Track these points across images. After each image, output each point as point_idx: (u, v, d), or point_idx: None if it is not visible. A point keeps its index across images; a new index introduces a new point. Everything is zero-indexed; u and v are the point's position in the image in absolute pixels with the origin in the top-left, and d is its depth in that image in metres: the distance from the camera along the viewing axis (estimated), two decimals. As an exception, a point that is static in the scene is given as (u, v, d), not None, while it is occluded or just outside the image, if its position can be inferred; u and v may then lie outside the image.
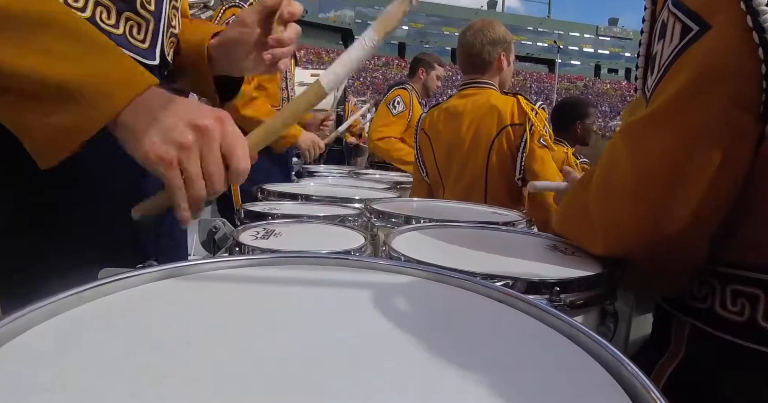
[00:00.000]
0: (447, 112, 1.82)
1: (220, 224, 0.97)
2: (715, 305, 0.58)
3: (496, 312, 0.46)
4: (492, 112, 1.69)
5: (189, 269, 0.51)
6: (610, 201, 0.61)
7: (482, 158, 1.70)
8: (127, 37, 0.70)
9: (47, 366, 0.31)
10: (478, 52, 1.73)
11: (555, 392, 0.32)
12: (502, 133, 1.65)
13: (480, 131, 1.70)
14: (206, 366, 0.32)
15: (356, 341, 0.38)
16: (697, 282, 0.60)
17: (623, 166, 0.58)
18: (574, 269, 0.66)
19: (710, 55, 0.53)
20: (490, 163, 1.69)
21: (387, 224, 0.97)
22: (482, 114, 1.71)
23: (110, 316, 0.40)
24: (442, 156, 1.83)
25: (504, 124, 1.66)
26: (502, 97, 1.73)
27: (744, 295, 0.55)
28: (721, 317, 0.57)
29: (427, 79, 3.01)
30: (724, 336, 0.56)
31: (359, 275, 0.55)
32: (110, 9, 0.67)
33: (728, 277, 0.57)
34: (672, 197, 0.55)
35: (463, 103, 1.78)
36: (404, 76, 3.36)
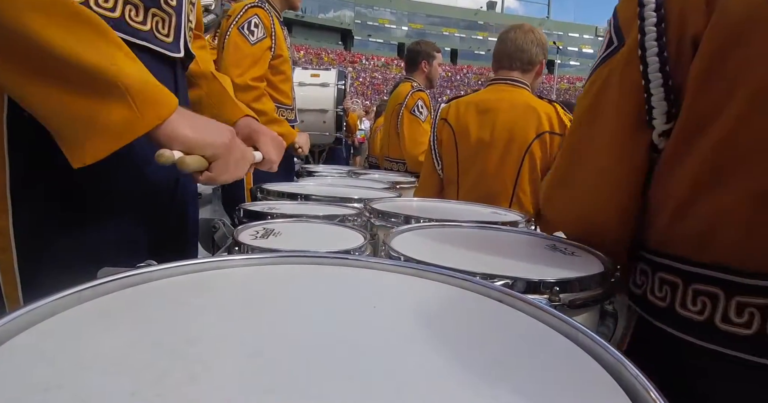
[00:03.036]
0: (477, 107, 1.70)
1: (219, 223, 0.97)
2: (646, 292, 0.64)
3: (496, 312, 0.46)
4: (530, 114, 1.60)
5: (188, 269, 0.51)
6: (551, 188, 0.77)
7: (515, 163, 1.60)
8: (154, 32, 0.73)
9: (47, 366, 0.31)
10: (526, 48, 1.69)
11: (555, 392, 0.32)
12: (540, 138, 1.58)
13: (515, 133, 1.61)
14: (206, 366, 0.32)
15: (356, 340, 0.38)
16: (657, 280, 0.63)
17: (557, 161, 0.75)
18: (574, 269, 0.66)
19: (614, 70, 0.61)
20: (523, 169, 1.60)
21: (386, 223, 0.97)
22: (519, 114, 1.61)
23: (110, 315, 0.40)
24: (467, 154, 1.70)
25: (543, 129, 1.58)
26: (539, 100, 1.65)
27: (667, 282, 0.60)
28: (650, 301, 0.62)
29: (430, 70, 2.91)
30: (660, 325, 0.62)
31: (359, 274, 0.55)
32: (138, 6, 0.70)
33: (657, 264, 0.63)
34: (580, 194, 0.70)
35: (495, 99, 1.68)
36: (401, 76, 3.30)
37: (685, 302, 0.57)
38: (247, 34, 1.91)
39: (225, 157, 0.66)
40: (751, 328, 0.52)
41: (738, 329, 0.52)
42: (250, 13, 1.93)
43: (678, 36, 0.55)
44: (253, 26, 1.92)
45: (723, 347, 0.53)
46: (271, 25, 1.98)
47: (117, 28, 0.66)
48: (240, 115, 0.95)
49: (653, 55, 0.56)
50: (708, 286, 0.55)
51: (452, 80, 35.93)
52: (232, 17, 1.94)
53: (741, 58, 0.51)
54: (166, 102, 0.59)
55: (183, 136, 0.60)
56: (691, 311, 0.56)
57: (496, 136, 1.63)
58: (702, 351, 0.55)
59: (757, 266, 0.51)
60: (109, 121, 0.54)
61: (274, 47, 2.00)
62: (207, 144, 0.63)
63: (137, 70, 0.57)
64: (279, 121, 2.06)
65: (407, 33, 53.67)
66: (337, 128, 3.45)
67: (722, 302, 0.53)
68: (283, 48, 2.06)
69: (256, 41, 1.92)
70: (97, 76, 0.53)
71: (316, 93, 3.25)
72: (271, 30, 1.98)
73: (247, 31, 1.91)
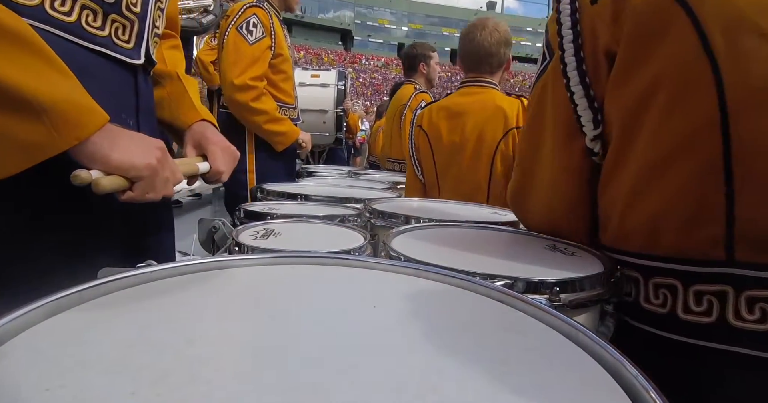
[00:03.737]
0: (448, 111, 1.77)
1: (219, 223, 0.97)
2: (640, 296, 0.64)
3: (496, 312, 0.46)
4: (497, 114, 1.66)
5: (188, 269, 0.51)
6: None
7: (486, 163, 1.67)
8: (113, 38, 0.72)
9: (47, 366, 0.31)
10: (494, 52, 1.72)
11: (554, 392, 0.32)
12: (508, 136, 1.63)
13: (484, 134, 1.67)
14: (206, 366, 0.32)
15: (356, 340, 0.38)
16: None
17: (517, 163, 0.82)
18: (574, 269, 0.66)
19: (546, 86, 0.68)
20: (494, 167, 1.66)
21: (387, 223, 0.97)
22: (487, 116, 1.67)
23: (110, 315, 0.40)
24: (443, 159, 1.77)
25: (509, 126, 1.63)
26: (506, 98, 1.70)
27: (630, 279, 0.64)
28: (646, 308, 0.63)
29: (429, 71, 2.96)
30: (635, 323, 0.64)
31: (359, 274, 0.55)
32: (96, 12, 0.68)
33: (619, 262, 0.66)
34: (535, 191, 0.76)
35: (467, 102, 1.74)
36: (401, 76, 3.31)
37: (648, 296, 0.60)
38: (245, 34, 1.91)
39: (149, 178, 0.63)
40: (711, 316, 0.54)
41: (698, 318, 0.55)
42: (248, 13, 1.93)
43: (592, 49, 0.61)
44: (252, 26, 1.92)
45: (688, 338, 0.56)
46: (270, 24, 1.98)
47: (72, 33, 0.66)
48: (195, 119, 0.92)
49: (573, 70, 0.62)
50: (666, 278, 0.57)
51: (452, 80, 35.94)
52: (231, 17, 1.94)
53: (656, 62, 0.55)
54: (86, 122, 0.57)
55: (103, 157, 0.58)
56: (654, 304, 0.59)
57: (467, 138, 1.69)
58: (668, 342, 0.58)
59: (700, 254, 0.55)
60: (25, 138, 0.53)
61: (273, 46, 2.00)
62: (129, 166, 0.61)
63: (63, 87, 0.56)
64: (281, 120, 2.06)
65: (407, 33, 53.68)
66: (337, 129, 3.45)
67: (681, 293, 0.56)
68: (284, 47, 2.06)
69: (255, 41, 1.92)
70: (13, 94, 0.52)
71: (316, 93, 3.25)
72: (270, 29, 1.98)
73: (246, 31, 1.91)
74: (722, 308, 0.53)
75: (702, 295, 0.55)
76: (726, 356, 0.53)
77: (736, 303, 0.52)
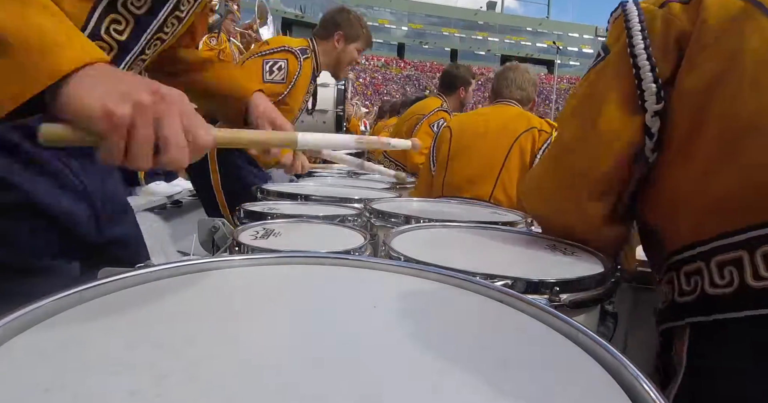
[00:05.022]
0: (477, 114, 2.05)
1: (219, 223, 0.97)
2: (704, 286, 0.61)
3: (496, 312, 0.46)
4: (521, 117, 1.84)
5: (188, 269, 0.51)
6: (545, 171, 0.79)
7: (504, 148, 1.79)
8: None
9: (47, 366, 0.31)
10: (525, 88, 1.98)
11: (554, 392, 0.32)
12: (529, 132, 1.77)
13: (507, 126, 1.82)
14: (206, 366, 0.32)
15: (356, 340, 0.38)
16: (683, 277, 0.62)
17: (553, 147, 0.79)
18: (574, 269, 0.66)
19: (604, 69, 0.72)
20: (511, 154, 1.78)
21: (386, 223, 0.97)
22: (512, 115, 1.86)
23: (110, 315, 0.39)
24: (460, 142, 1.89)
25: (532, 125, 1.78)
26: (530, 113, 1.92)
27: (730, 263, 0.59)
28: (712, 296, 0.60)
29: (465, 96, 2.97)
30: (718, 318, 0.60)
31: (359, 274, 0.55)
32: None
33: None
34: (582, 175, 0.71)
35: (493, 110, 1.98)
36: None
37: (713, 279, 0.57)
38: (265, 71, 1.87)
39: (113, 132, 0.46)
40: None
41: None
42: (281, 55, 1.89)
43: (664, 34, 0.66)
44: (276, 68, 1.88)
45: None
46: (295, 75, 1.91)
47: None
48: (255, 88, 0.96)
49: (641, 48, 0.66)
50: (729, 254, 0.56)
51: (452, 80, 35.96)
52: (266, 47, 1.91)
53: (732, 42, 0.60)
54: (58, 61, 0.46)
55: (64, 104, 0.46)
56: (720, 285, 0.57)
57: (490, 128, 1.85)
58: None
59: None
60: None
61: (284, 96, 1.93)
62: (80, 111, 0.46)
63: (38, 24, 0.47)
64: None
65: (407, 33, 53.66)
66: (337, 129, 3.44)
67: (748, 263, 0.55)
68: (295, 100, 1.99)
69: (269, 81, 1.88)
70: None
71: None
72: (292, 80, 1.91)
73: (268, 69, 1.87)
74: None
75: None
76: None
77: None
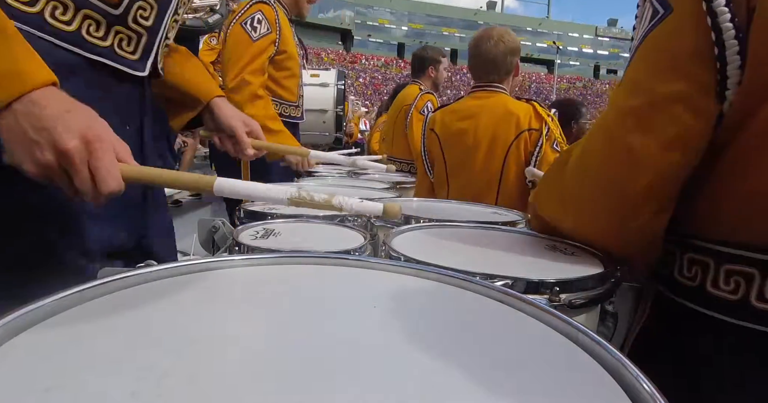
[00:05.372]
0: (459, 114, 1.83)
1: (219, 223, 0.97)
2: (674, 272, 0.61)
3: (496, 312, 0.46)
4: (509, 117, 1.72)
5: (188, 269, 0.51)
6: (583, 179, 0.65)
7: (498, 162, 1.73)
8: (115, 49, 0.70)
9: (47, 366, 0.31)
10: (501, 61, 1.78)
11: (554, 392, 0.32)
12: (520, 137, 1.70)
13: (497, 135, 1.73)
14: (206, 366, 0.32)
15: (356, 340, 0.38)
16: (686, 262, 0.62)
17: (596, 146, 0.64)
18: (574, 269, 0.66)
19: (668, 37, 0.56)
20: (506, 166, 1.73)
21: (387, 223, 0.97)
22: (498, 118, 1.73)
23: (110, 315, 0.40)
24: (455, 158, 1.83)
25: (521, 129, 1.70)
26: (517, 102, 1.76)
27: (698, 263, 0.59)
28: (678, 282, 0.60)
29: (437, 75, 2.99)
30: (678, 299, 0.60)
31: (359, 274, 0.55)
32: (100, 22, 0.67)
33: (686, 245, 0.60)
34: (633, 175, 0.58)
35: (477, 105, 1.80)
36: (407, 76, 3.35)
37: (717, 282, 0.56)
38: (249, 30, 1.88)
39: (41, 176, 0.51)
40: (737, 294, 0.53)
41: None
42: (253, 9, 1.91)
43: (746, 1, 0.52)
44: (256, 22, 1.89)
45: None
46: (275, 20, 1.95)
47: (71, 42, 0.64)
48: (218, 92, 0.97)
49: (727, 22, 0.51)
50: (742, 266, 0.54)
51: (452, 80, 35.93)
52: (236, 12, 1.92)
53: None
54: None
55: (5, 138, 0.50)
56: (724, 290, 0.55)
57: (480, 140, 1.75)
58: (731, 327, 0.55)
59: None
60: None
61: (278, 42, 1.96)
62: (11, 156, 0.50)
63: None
64: (272, 131, 1.93)
65: (407, 33, 53.70)
66: (337, 128, 3.45)
67: (757, 281, 0.53)
68: (289, 44, 2.03)
69: (259, 37, 1.89)
70: None
71: (316, 93, 3.26)
72: (276, 25, 1.94)
73: (250, 28, 1.89)
74: None
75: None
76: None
77: None
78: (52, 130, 0.50)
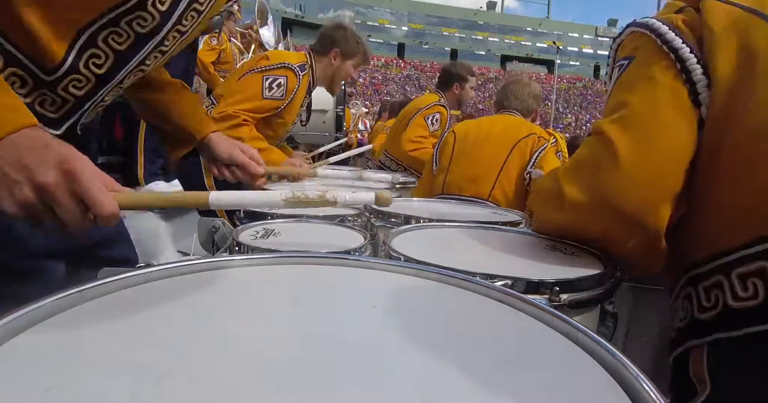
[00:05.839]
0: (481, 120, 2.17)
1: (219, 223, 0.97)
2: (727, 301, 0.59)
3: (496, 312, 0.46)
4: (523, 125, 1.98)
5: (188, 269, 0.51)
6: (576, 181, 0.68)
7: (504, 151, 1.89)
8: (35, 106, 0.66)
9: (47, 366, 0.31)
10: (525, 99, 2.11)
11: (554, 392, 0.32)
12: (528, 138, 1.88)
13: (508, 133, 1.93)
14: (206, 366, 0.32)
15: (356, 340, 0.38)
16: (702, 293, 0.62)
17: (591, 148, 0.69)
18: (574, 269, 0.66)
19: (635, 69, 0.69)
20: (510, 157, 1.88)
21: (387, 223, 0.97)
22: (512, 124, 2.00)
23: (110, 316, 0.40)
24: (462, 146, 1.98)
25: (532, 132, 1.90)
26: (530, 123, 2.06)
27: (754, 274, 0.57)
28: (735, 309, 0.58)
29: (461, 93, 2.96)
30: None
31: (359, 274, 0.55)
32: (26, 81, 0.63)
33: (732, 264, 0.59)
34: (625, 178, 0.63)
35: (498, 118, 2.11)
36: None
37: (736, 292, 0.56)
38: (265, 87, 1.89)
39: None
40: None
41: None
42: (281, 72, 1.91)
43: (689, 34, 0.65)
44: (276, 85, 1.91)
45: None
46: (294, 91, 1.94)
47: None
48: (213, 128, 0.97)
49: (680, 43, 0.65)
50: (753, 263, 0.55)
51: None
52: (266, 62, 1.92)
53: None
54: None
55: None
56: (743, 298, 0.56)
57: (492, 133, 1.95)
58: None
59: None
60: None
61: (281, 110, 1.97)
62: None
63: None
64: (261, 150, 1.94)
65: (407, 33, 53.67)
66: (337, 128, 3.44)
67: None
68: (291, 114, 2.03)
69: (269, 97, 1.91)
70: None
71: (316, 93, 3.25)
72: (291, 96, 1.94)
73: (267, 85, 1.90)
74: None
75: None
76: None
77: None
78: (29, 168, 0.49)
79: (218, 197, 0.57)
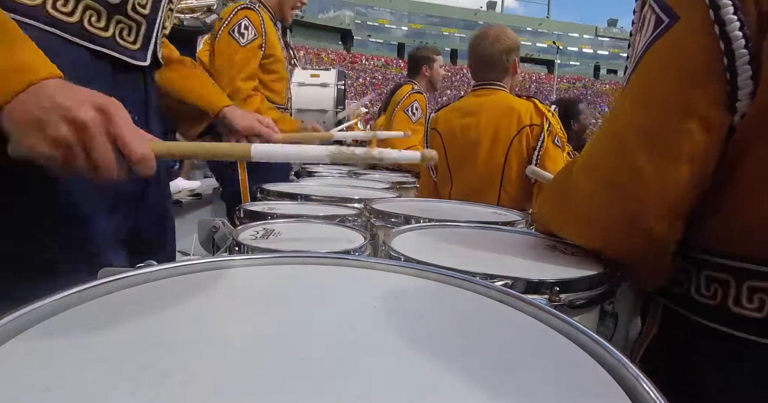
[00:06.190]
0: (462, 112, 1.87)
1: (219, 223, 0.97)
2: (690, 290, 0.60)
3: (496, 312, 0.46)
4: (510, 113, 1.76)
5: (188, 269, 0.51)
6: (590, 189, 0.63)
7: (500, 157, 1.78)
8: (116, 39, 0.71)
9: (47, 366, 0.31)
10: (497, 60, 1.81)
11: (554, 393, 0.32)
12: (521, 133, 1.74)
13: (499, 131, 1.77)
14: (206, 366, 0.32)
15: (355, 341, 0.38)
16: (703, 280, 0.61)
17: (601, 155, 0.62)
18: (574, 269, 0.66)
19: (676, 48, 0.54)
20: (508, 161, 1.77)
21: (387, 223, 0.97)
22: (500, 114, 1.77)
23: (110, 316, 0.39)
24: (456, 153, 1.87)
25: (523, 124, 1.74)
26: (517, 99, 1.80)
27: (717, 280, 0.57)
28: (696, 301, 0.59)
29: (432, 74, 2.99)
30: (694, 318, 0.59)
31: (359, 274, 0.55)
32: (101, 12, 0.68)
33: (702, 263, 0.59)
34: (640, 195, 0.57)
35: (479, 103, 1.84)
36: (404, 76, 3.34)
37: (740, 300, 0.55)
38: (237, 37, 1.92)
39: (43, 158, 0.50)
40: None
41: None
42: (240, 16, 1.94)
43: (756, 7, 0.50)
44: (243, 28, 1.94)
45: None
46: (261, 24, 1.98)
47: (72, 33, 0.65)
48: (227, 102, 1.00)
49: (736, 30, 0.49)
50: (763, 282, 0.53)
51: (452, 80, 35.95)
52: (223, 19, 1.96)
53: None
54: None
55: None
56: (746, 307, 0.54)
57: (482, 136, 1.79)
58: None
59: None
60: None
61: (264, 46, 2.00)
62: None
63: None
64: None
65: (407, 33, 53.71)
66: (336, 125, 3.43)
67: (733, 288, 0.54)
68: (275, 47, 2.06)
69: (247, 42, 1.93)
70: None
71: (316, 93, 3.25)
72: (262, 30, 1.98)
73: (238, 34, 1.92)
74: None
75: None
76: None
77: None
78: (64, 106, 0.49)
79: (261, 150, 0.55)
